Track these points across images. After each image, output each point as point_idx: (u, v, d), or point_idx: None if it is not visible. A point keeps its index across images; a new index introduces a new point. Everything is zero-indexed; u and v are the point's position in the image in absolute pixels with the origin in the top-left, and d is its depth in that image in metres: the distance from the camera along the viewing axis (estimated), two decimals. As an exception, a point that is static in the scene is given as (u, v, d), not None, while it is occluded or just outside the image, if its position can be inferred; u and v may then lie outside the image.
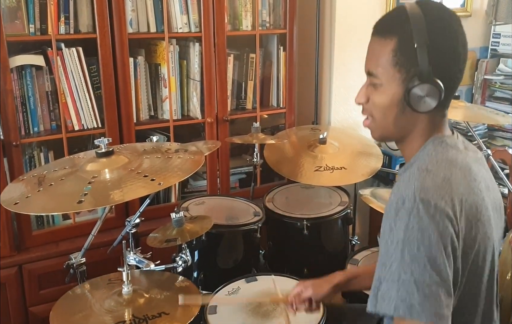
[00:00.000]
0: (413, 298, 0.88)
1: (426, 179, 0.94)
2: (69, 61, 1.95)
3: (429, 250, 0.89)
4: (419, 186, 0.93)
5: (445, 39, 0.99)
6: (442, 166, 0.97)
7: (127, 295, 1.36)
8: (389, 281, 0.91)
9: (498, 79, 2.92)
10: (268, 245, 2.07)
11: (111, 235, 1.90)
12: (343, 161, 2.02)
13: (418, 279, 0.88)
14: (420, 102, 1.00)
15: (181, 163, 1.35)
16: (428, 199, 0.90)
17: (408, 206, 0.91)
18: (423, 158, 1.02)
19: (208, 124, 2.26)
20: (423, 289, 0.88)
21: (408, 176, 0.97)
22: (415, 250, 0.89)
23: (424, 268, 0.88)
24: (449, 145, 1.03)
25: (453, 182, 0.95)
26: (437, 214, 0.90)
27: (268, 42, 2.52)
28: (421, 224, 0.89)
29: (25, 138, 1.95)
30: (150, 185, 1.20)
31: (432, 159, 0.99)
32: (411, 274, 0.88)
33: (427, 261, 0.88)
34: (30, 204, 1.19)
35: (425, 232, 0.89)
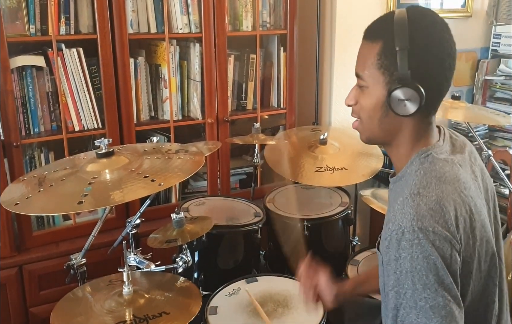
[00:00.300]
0: (432, 322, 0.93)
1: (420, 205, 0.96)
2: (69, 62, 1.95)
3: (436, 274, 0.93)
4: (414, 215, 0.95)
5: (426, 45, 1.00)
6: (432, 186, 0.99)
7: (128, 295, 1.36)
8: (407, 308, 0.96)
9: (498, 79, 2.92)
10: (268, 246, 2.07)
11: (112, 236, 1.90)
12: (343, 161, 2.02)
13: (433, 305, 0.93)
14: (400, 105, 1.02)
15: (182, 163, 1.35)
16: (426, 227, 0.94)
17: (409, 237, 0.94)
18: (411, 177, 1.04)
19: (208, 125, 2.26)
20: (439, 312, 0.93)
21: (402, 203, 0.99)
22: (424, 278, 0.93)
23: (436, 292, 0.93)
24: (436, 158, 1.05)
25: (445, 201, 0.97)
26: (436, 239, 0.94)
27: (268, 42, 2.52)
28: (424, 253, 0.93)
29: (25, 139, 1.95)
30: (150, 185, 1.20)
31: (422, 180, 1.01)
32: (425, 301, 0.93)
33: (437, 286, 0.93)
34: (30, 204, 1.19)
35: (430, 259, 0.93)
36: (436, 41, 1.01)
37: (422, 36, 1.00)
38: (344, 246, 2.07)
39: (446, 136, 1.12)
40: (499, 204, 1.23)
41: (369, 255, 1.92)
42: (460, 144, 1.14)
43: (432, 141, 1.08)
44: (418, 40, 1.00)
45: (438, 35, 1.02)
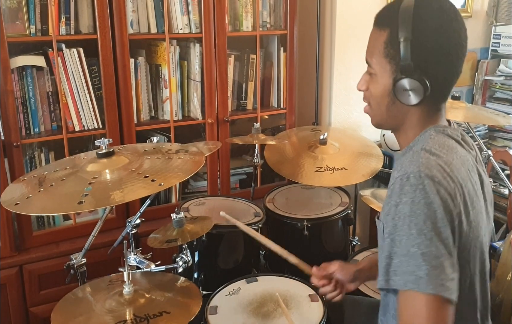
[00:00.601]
0: (421, 270, 0.90)
1: (430, 159, 0.96)
2: (69, 62, 1.95)
3: (435, 223, 0.91)
4: (424, 164, 0.95)
5: (431, 35, 1.00)
6: (444, 151, 0.99)
7: (128, 295, 1.36)
8: (400, 256, 0.93)
9: (498, 80, 2.92)
10: (268, 246, 2.07)
11: (112, 236, 1.91)
12: (343, 161, 2.02)
13: (425, 251, 0.90)
14: (405, 95, 1.03)
15: (182, 163, 1.35)
16: (433, 176, 0.93)
17: (414, 182, 0.93)
18: (425, 140, 1.04)
19: (208, 125, 2.26)
20: (430, 261, 0.90)
21: (411, 155, 0.99)
22: (421, 223, 0.91)
23: (430, 241, 0.90)
24: (450, 135, 1.06)
25: (454, 167, 0.97)
26: (441, 190, 0.92)
27: (268, 42, 2.52)
28: (427, 199, 0.91)
29: (25, 139, 1.95)
30: (150, 185, 1.20)
31: (435, 143, 1.01)
32: (418, 247, 0.90)
33: (433, 234, 0.90)
34: (31, 204, 1.19)
35: (431, 206, 0.91)
36: (441, 30, 1.01)
37: (426, 26, 1.00)
38: (344, 246, 2.07)
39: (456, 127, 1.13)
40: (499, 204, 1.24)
41: (369, 255, 1.92)
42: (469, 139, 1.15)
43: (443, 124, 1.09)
44: (423, 30, 1.00)
45: (445, 24, 1.01)
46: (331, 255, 2.02)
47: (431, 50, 1.01)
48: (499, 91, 2.93)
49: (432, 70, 1.01)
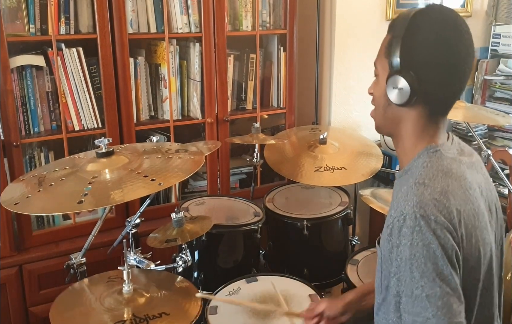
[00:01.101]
0: (428, 312, 0.91)
1: (424, 194, 0.96)
2: (69, 62, 1.95)
3: (435, 264, 0.92)
4: (417, 202, 0.95)
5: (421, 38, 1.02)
6: (438, 179, 0.99)
7: (127, 294, 1.36)
8: (406, 296, 0.94)
9: (498, 79, 2.92)
10: (268, 245, 2.07)
11: (112, 235, 1.91)
12: (343, 161, 2.02)
13: (429, 294, 0.92)
14: (393, 92, 1.05)
15: (182, 163, 1.35)
16: (428, 215, 0.93)
17: (410, 224, 0.94)
18: (418, 169, 1.04)
19: (208, 125, 2.26)
20: (435, 302, 0.91)
21: (406, 191, 0.99)
22: (422, 266, 0.92)
23: (433, 282, 0.92)
24: (444, 155, 1.05)
25: (450, 194, 0.97)
26: (438, 228, 0.93)
27: (268, 42, 2.52)
28: (424, 240, 0.92)
29: (25, 138, 1.95)
30: (150, 185, 1.20)
31: (428, 172, 1.01)
32: (422, 290, 0.92)
33: (435, 275, 0.92)
34: (30, 204, 1.19)
35: (430, 247, 0.92)
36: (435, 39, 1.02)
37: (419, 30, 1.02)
38: (343, 246, 2.07)
39: (454, 141, 1.13)
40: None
41: (369, 255, 1.92)
42: (468, 150, 1.15)
43: (438, 140, 1.09)
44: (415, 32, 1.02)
45: (441, 35, 1.02)
46: (330, 255, 2.03)
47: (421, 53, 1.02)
48: (498, 91, 2.93)
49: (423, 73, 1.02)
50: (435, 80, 1.03)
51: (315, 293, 1.59)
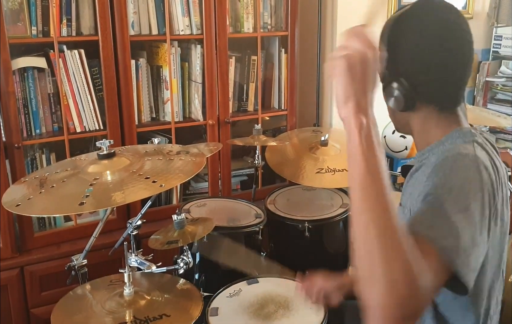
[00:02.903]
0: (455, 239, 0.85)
1: (482, 153, 0.97)
2: (71, 63, 1.96)
3: (484, 207, 0.90)
4: (478, 153, 0.95)
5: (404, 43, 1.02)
6: (478, 150, 0.99)
7: (128, 296, 1.36)
8: (437, 217, 0.88)
9: (499, 81, 2.92)
10: (269, 247, 2.07)
11: (113, 237, 1.91)
12: (344, 163, 1.99)
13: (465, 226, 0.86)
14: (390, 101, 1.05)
15: (183, 165, 1.35)
16: (486, 166, 0.93)
17: (470, 160, 0.92)
18: (456, 143, 1.02)
19: (209, 126, 2.26)
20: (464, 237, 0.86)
21: (448, 148, 0.99)
22: (470, 200, 0.88)
23: (471, 221, 0.87)
24: (481, 144, 1.02)
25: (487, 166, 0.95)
26: (489, 182, 0.92)
27: (269, 44, 2.52)
28: (480, 182, 0.90)
29: (27, 140, 1.95)
30: (151, 187, 1.20)
31: (470, 149, 0.98)
32: (459, 221, 0.86)
33: (481, 216, 0.89)
34: (32, 205, 1.19)
35: (483, 190, 0.90)
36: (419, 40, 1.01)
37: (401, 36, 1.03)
38: (345, 248, 2.07)
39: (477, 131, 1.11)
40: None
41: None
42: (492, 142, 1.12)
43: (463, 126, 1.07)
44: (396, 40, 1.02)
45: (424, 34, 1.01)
46: (332, 257, 2.02)
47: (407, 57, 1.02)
48: (500, 93, 2.93)
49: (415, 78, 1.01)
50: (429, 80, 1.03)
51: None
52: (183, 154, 1.43)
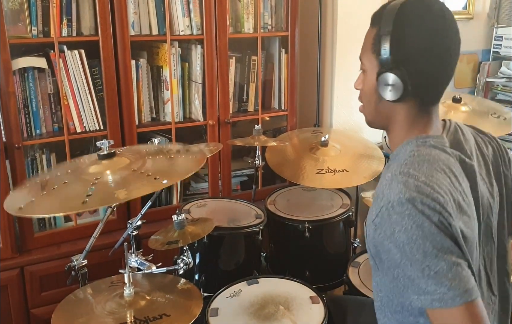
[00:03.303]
0: (442, 287, 0.91)
1: (408, 181, 0.96)
2: (71, 64, 1.96)
3: (433, 240, 0.92)
4: (401, 188, 0.95)
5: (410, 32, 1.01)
6: (423, 170, 0.98)
7: (129, 297, 1.36)
8: (417, 279, 0.93)
9: (500, 81, 2.92)
10: (269, 248, 2.07)
11: (113, 237, 1.90)
12: (344, 163, 2.02)
13: (438, 270, 0.91)
14: (385, 90, 1.04)
15: (184, 162, 1.35)
16: (414, 198, 0.93)
17: (398, 209, 0.94)
18: (404, 156, 1.03)
19: (210, 127, 2.26)
20: (446, 275, 0.91)
21: (390, 179, 0.99)
22: (422, 247, 0.92)
23: (437, 258, 0.91)
24: (433, 146, 1.04)
25: (435, 184, 0.96)
26: (425, 208, 0.93)
27: (270, 44, 2.52)
28: (417, 222, 0.92)
29: (27, 140, 1.95)
30: (154, 183, 1.20)
31: (414, 161, 1.00)
32: (429, 269, 0.91)
33: (437, 251, 0.91)
34: (35, 207, 1.18)
35: (423, 226, 0.92)
36: (423, 29, 1.01)
37: (407, 23, 1.01)
38: (345, 248, 2.07)
39: (450, 130, 1.11)
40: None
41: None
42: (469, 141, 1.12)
43: (430, 131, 1.08)
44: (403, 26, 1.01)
45: (428, 23, 1.01)
46: (332, 257, 2.03)
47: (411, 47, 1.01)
48: (500, 93, 2.93)
49: (413, 67, 1.01)
50: (426, 72, 1.03)
51: (316, 295, 1.59)
52: (183, 153, 1.43)
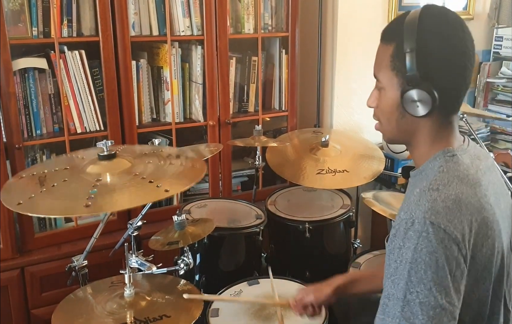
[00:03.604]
0: (417, 319, 0.90)
1: (437, 200, 0.94)
2: (71, 64, 1.96)
3: (436, 273, 0.90)
4: (429, 208, 0.93)
5: (435, 46, 1.00)
6: (453, 185, 0.97)
7: (129, 297, 1.36)
8: (395, 299, 0.93)
9: (500, 82, 2.92)
10: (270, 248, 2.07)
11: (113, 238, 1.90)
12: (345, 164, 2.02)
13: (423, 301, 0.90)
14: (413, 106, 1.02)
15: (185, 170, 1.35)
16: (438, 223, 0.92)
17: (418, 228, 0.92)
18: (433, 172, 1.02)
19: (210, 127, 2.26)
20: (427, 311, 0.90)
21: (419, 195, 0.97)
22: (421, 273, 0.91)
23: (429, 291, 0.90)
24: (460, 160, 1.03)
25: (463, 203, 0.95)
26: (445, 238, 0.91)
27: (270, 45, 2.52)
28: (429, 248, 0.91)
29: (27, 141, 1.95)
30: (156, 191, 1.20)
31: (443, 177, 0.99)
32: (416, 296, 0.91)
33: (433, 285, 0.90)
34: (35, 205, 1.17)
35: (433, 255, 0.91)
36: (447, 40, 1.00)
37: (431, 36, 1.00)
38: (345, 249, 2.07)
39: (470, 144, 1.11)
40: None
41: (371, 258, 1.91)
42: (484, 154, 1.13)
43: (454, 142, 1.07)
44: (427, 40, 1.00)
45: (450, 35, 1.01)
46: (332, 258, 2.02)
47: (437, 60, 1.00)
48: (501, 94, 2.93)
49: (439, 80, 1.01)
50: (451, 84, 1.02)
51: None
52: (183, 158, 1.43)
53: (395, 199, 2.06)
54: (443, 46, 1.00)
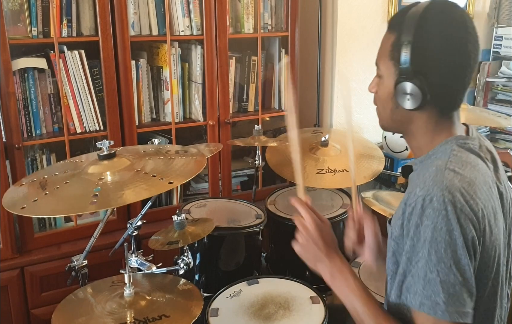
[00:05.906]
0: (439, 297, 0.92)
1: (454, 180, 0.95)
2: (71, 64, 1.96)
3: (455, 252, 0.92)
4: (447, 186, 0.94)
5: (431, 42, 1.00)
6: (467, 170, 0.98)
7: (129, 297, 1.36)
8: (415, 277, 0.94)
9: (500, 81, 2.92)
10: (270, 248, 2.07)
11: (113, 238, 1.91)
12: (345, 163, 2.01)
13: (444, 279, 0.92)
14: (404, 99, 1.03)
15: (185, 163, 1.35)
16: (455, 202, 0.93)
17: (437, 206, 0.93)
18: (446, 154, 1.02)
19: (210, 127, 2.26)
20: (448, 289, 0.91)
21: (435, 172, 0.97)
22: (442, 251, 0.92)
23: (449, 269, 0.92)
24: (472, 149, 1.04)
25: (477, 188, 0.96)
26: (462, 217, 0.92)
27: (270, 44, 2.52)
28: (449, 226, 0.92)
29: (27, 141, 1.95)
30: (160, 184, 1.20)
31: (458, 160, 1.00)
32: (437, 274, 0.92)
33: (452, 263, 0.92)
34: (39, 207, 1.18)
35: (453, 233, 0.92)
36: (445, 39, 1.00)
37: (429, 33, 1.00)
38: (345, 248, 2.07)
39: (474, 135, 1.11)
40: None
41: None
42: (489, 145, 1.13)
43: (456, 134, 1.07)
44: (424, 36, 1.00)
45: (450, 33, 1.00)
46: (332, 257, 2.02)
47: (432, 57, 1.00)
48: (500, 93, 2.93)
49: (433, 77, 1.01)
50: (446, 82, 1.02)
51: (316, 295, 1.59)
52: (182, 154, 1.43)
53: (394, 199, 2.06)
54: (440, 43, 1.00)
